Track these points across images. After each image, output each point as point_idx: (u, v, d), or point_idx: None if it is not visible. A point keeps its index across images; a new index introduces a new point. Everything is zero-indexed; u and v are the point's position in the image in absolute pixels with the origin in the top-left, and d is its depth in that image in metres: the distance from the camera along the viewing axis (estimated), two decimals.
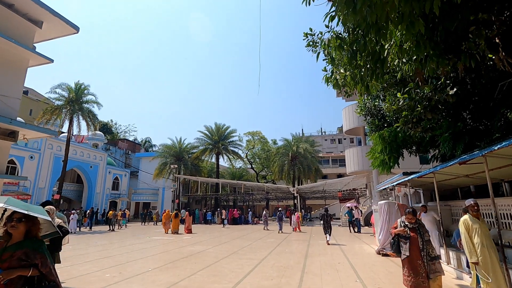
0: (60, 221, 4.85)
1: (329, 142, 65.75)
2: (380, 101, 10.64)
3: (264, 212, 22.01)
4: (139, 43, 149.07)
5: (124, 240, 14.56)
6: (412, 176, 8.40)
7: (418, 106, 5.21)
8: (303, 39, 8.21)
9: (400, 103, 5.26)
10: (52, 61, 8.14)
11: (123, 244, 12.77)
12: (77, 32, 8.47)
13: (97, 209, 30.61)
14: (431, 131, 6.10)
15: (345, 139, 66.69)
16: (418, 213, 8.91)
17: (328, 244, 12.70)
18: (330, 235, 13.08)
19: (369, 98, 11.95)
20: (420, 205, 9.28)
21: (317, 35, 8.10)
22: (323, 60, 8.51)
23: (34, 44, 9.12)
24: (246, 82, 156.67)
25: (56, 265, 7.46)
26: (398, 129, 5.99)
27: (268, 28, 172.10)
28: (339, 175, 49.00)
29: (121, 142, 46.02)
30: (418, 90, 4.98)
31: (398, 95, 5.16)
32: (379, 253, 9.53)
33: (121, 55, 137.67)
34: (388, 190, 20.55)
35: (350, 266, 7.70)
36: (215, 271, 7.15)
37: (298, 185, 34.28)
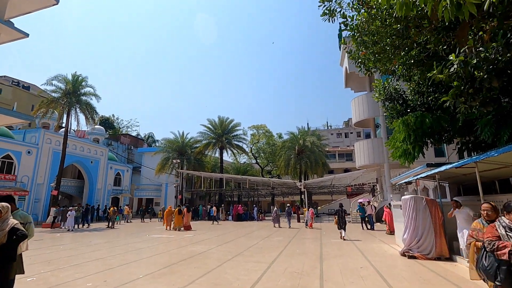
0: (15, 222, 3.76)
1: (335, 136, 64.33)
2: (405, 81, 9.34)
3: (274, 208, 20.78)
4: (142, 39, 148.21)
5: (121, 238, 13.60)
6: (449, 166, 7.21)
7: (475, 72, 4.00)
8: (319, 6, 7.02)
9: (452, 69, 4.05)
10: (27, 35, 7.03)
11: (119, 243, 11.79)
12: (57, 4, 7.33)
13: (98, 205, 29.89)
14: (493, 104, 4.87)
15: (351, 133, 65.21)
16: (451, 210, 7.75)
17: (343, 239, 12.49)
18: (345, 230, 12.92)
19: (388, 81, 10.71)
20: (453, 199, 8.06)
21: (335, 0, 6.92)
22: (342, 27, 7.29)
23: (12, 20, 8.05)
24: (250, 77, 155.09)
25: (35, 270, 6.45)
26: (447, 103, 4.78)
27: (273, 22, 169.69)
28: (346, 170, 47.74)
29: (123, 137, 45.22)
30: (481, 48, 3.77)
31: (452, 56, 3.97)
32: (404, 255, 8.37)
33: (123, 51, 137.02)
34: (405, 184, 19.31)
35: (375, 272, 6.56)
36: (218, 278, 6.07)
37: (305, 180, 33.14)
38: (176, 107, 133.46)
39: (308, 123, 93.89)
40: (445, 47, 7.17)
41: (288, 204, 25.98)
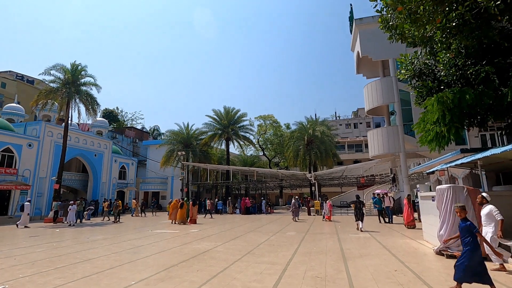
0: None
1: (344, 127, 62.58)
2: (442, 50, 7.97)
3: (293, 200, 19.28)
4: (145, 33, 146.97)
5: (121, 234, 12.70)
6: (508, 147, 5.90)
7: None
8: None
9: None
10: None
11: (118, 240, 10.86)
12: None
13: (104, 199, 29.26)
14: None
15: (361, 123, 63.47)
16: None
17: (361, 231, 12.37)
18: (362, 221, 12.79)
19: (417, 53, 9.34)
20: (481, 195, 6.62)
21: None
22: None
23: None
24: (255, 67, 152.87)
25: (13, 274, 5.43)
26: None
27: (278, 10, 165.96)
28: (356, 161, 46.28)
29: (128, 130, 44.51)
30: None
31: None
32: (441, 254, 7.19)
33: (126, 44, 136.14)
34: (426, 174, 17.96)
35: (415, 277, 5.40)
36: (224, 286, 5.00)
37: (314, 171, 31.93)
38: (181, 99, 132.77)
39: (316, 114, 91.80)
40: (498, 1, 5.83)
41: (296, 196, 24.95)
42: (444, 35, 6.73)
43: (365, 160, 37.33)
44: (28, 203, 17.24)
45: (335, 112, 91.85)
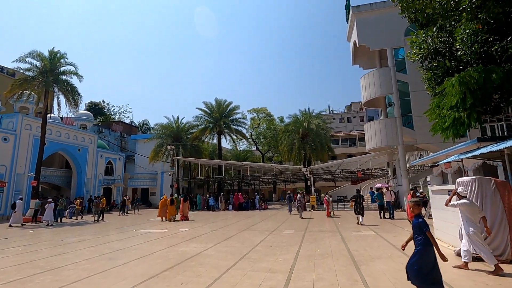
0: None
1: (337, 121, 61.93)
2: (468, 20, 6.97)
3: (298, 195, 18.00)
4: (135, 24, 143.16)
5: (101, 235, 11.48)
6: None
7: None
8: None
9: None
10: None
11: (95, 242, 9.65)
12: None
13: (90, 196, 27.78)
14: None
15: (354, 117, 63.02)
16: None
17: (360, 224, 12.43)
18: (362, 215, 12.77)
19: (432, 30, 8.36)
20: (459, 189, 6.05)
21: None
22: None
23: None
24: (246, 60, 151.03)
25: None
26: None
27: (272, 4, 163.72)
28: (349, 155, 45.75)
29: (115, 124, 42.69)
30: None
31: None
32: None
33: (117, 36, 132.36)
34: (428, 166, 17.22)
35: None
36: None
37: (308, 166, 31.06)
38: (171, 94, 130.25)
39: (309, 107, 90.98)
40: None
41: (288, 192, 24.03)
42: (473, 1, 5.75)
43: (359, 154, 36.65)
44: (20, 201, 16.78)
45: (329, 106, 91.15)
